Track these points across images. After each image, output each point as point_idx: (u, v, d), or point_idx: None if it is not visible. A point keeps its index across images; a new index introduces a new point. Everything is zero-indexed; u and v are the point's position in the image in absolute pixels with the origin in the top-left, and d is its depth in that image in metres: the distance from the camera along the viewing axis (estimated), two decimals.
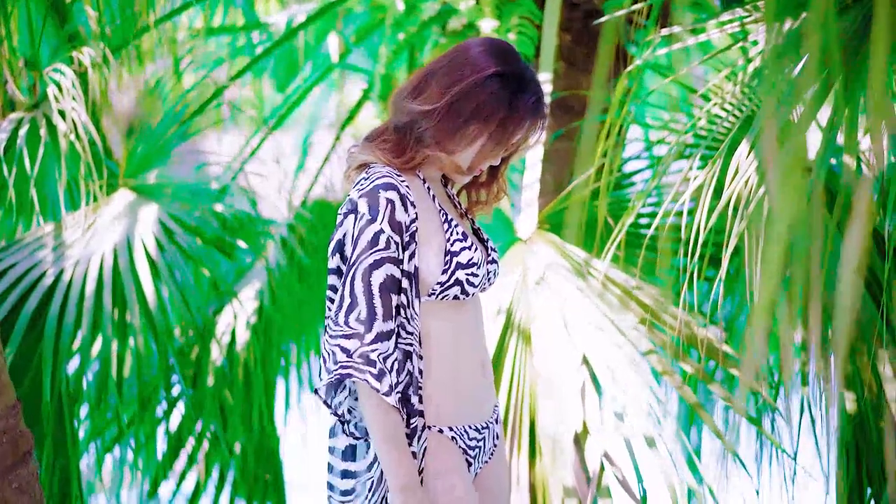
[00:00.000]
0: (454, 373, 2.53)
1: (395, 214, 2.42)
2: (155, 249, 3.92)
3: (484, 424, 2.60)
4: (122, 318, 3.84)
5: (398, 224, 2.42)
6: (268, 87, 5.99)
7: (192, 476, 4.47)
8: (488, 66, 2.47)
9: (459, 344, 2.54)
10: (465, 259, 2.48)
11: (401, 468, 2.39)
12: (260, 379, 4.21)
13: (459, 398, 2.54)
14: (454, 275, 2.47)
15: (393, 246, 2.42)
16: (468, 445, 2.57)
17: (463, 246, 2.50)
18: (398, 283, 2.42)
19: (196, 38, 5.04)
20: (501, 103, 2.47)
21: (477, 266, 2.50)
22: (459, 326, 2.54)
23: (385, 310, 2.39)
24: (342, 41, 5.15)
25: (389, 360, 2.39)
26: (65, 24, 4.33)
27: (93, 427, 4.00)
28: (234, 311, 4.25)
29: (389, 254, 2.41)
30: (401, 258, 2.43)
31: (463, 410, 2.55)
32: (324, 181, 4.76)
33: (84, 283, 3.79)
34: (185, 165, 4.58)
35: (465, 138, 2.48)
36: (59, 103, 3.92)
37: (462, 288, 2.49)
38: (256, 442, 4.37)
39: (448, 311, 2.52)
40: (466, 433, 2.56)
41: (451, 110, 2.47)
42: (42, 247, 3.89)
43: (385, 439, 2.40)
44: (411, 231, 2.45)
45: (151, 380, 4.00)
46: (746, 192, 2.78)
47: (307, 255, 4.45)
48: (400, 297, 2.43)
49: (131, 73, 4.39)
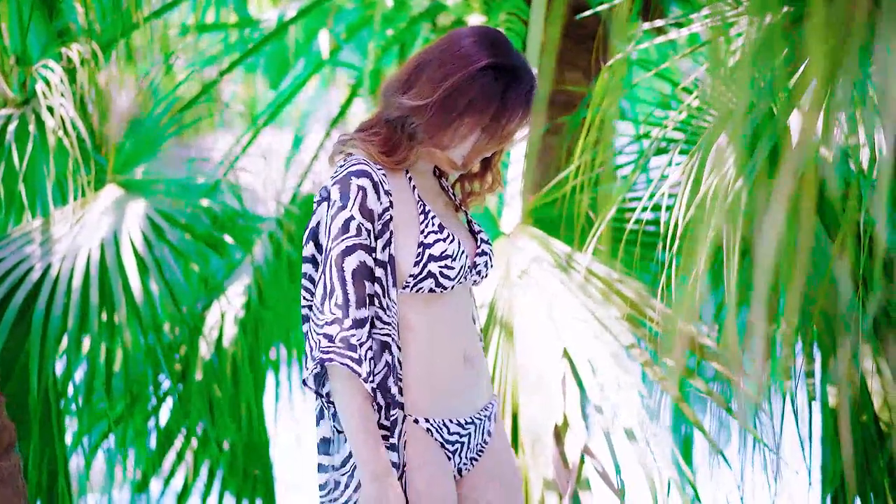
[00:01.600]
0: (431, 366, 2.53)
1: (366, 202, 2.41)
2: (142, 244, 3.94)
3: (468, 420, 2.58)
4: (111, 313, 3.86)
5: (369, 211, 2.41)
6: (262, 86, 6.02)
7: (181, 472, 4.48)
8: (480, 59, 2.42)
9: (438, 337, 2.52)
10: (438, 251, 2.46)
11: (373, 457, 2.39)
12: (248, 374, 4.22)
13: (436, 391, 2.53)
14: (426, 267, 2.46)
15: (364, 233, 2.40)
16: (446, 439, 2.56)
17: (437, 238, 2.47)
18: (371, 272, 2.41)
19: (187, 35, 5.06)
20: (495, 97, 2.42)
21: (452, 258, 2.47)
22: (439, 319, 2.52)
23: (358, 297, 2.38)
24: (332, 38, 5.16)
25: (363, 348, 2.38)
26: (54, 20, 4.34)
27: (80, 424, 4.02)
28: (222, 307, 4.26)
29: (361, 241, 2.40)
30: (373, 246, 2.42)
31: (441, 404, 2.54)
32: (313, 177, 4.77)
33: (71, 277, 3.81)
34: (176, 162, 4.60)
35: (459, 133, 2.45)
36: (48, 99, 3.94)
37: (436, 280, 2.47)
38: (245, 438, 4.38)
39: (426, 304, 2.50)
40: (446, 427, 2.55)
41: (444, 105, 2.43)
42: (30, 241, 3.91)
43: (358, 427, 2.39)
44: (384, 219, 2.43)
45: (138, 376, 4.02)
46: (724, 186, 2.79)
47: (296, 251, 4.46)
48: (374, 286, 2.42)
49: (121, 70, 4.41)
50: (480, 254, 2.59)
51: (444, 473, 2.55)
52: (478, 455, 2.63)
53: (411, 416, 2.53)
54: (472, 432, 2.60)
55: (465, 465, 2.62)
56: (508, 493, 2.65)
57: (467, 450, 2.60)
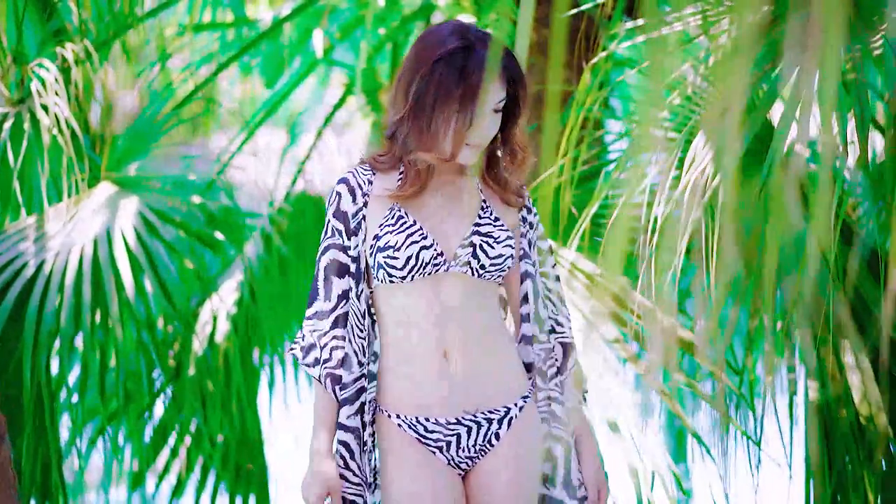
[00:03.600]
0: (399, 359, 2.62)
1: (340, 205, 2.63)
2: (134, 241, 3.99)
3: (453, 420, 2.61)
4: (104, 309, 3.91)
5: (342, 213, 2.63)
6: (257, 85, 6.07)
7: (176, 468, 4.53)
8: (430, 56, 2.54)
9: (407, 331, 2.61)
10: (384, 242, 2.58)
11: (315, 434, 2.62)
12: (239, 370, 4.27)
13: (405, 386, 2.61)
14: (376, 258, 2.60)
15: (336, 234, 2.63)
16: (422, 435, 2.61)
17: (388, 230, 2.58)
18: (345, 268, 2.63)
19: (183, 35, 5.10)
20: (452, 81, 2.52)
21: (394, 248, 2.56)
22: (411, 311, 2.60)
23: (326, 291, 2.63)
24: (326, 38, 5.21)
25: (325, 338, 2.62)
26: (50, 19, 4.40)
27: (75, 420, 4.07)
28: (214, 304, 4.32)
29: (334, 241, 2.64)
30: (346, 244, 2.63)
31: (410, 400, 2.61)
32: (306, 176, 4.83)
33: (64, 273, 3.87)
34: (170, 160, 4.65)
35: (440, 130, 2.54)
36: (43, 98, 4.00)
37: (386, 271, 2.58)
38: (238, 433, 4.43)
39: (396, 296, 2.61)
40: (422, 425, 2.61)
41: (416, 112, 2.55)
42: (24, 238, 3.97)
43: (314, 410, 2.64)
44: (357, 219, 2.63)
45: (132, 373, 4.07)
46: (703, 181, 2.84)
47: (288, 248, 4.51)
48: (347, 280, 2.63)
49: (116, 69, 4.46)
50: (465, 245, 2.61)
51: (416, 464, 2.60)
52: (479, 455, 2.65)
53: (383, 410, 2.64)
54: (461, 433, 2.62)
55: (462, 463, 2.64)
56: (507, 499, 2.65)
57: (459, 448, 2.63)
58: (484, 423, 2.63)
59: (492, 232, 2.63)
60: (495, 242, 2.63)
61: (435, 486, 2.60)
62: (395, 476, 2.61)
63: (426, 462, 2.61)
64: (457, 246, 2.62)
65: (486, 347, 2.64)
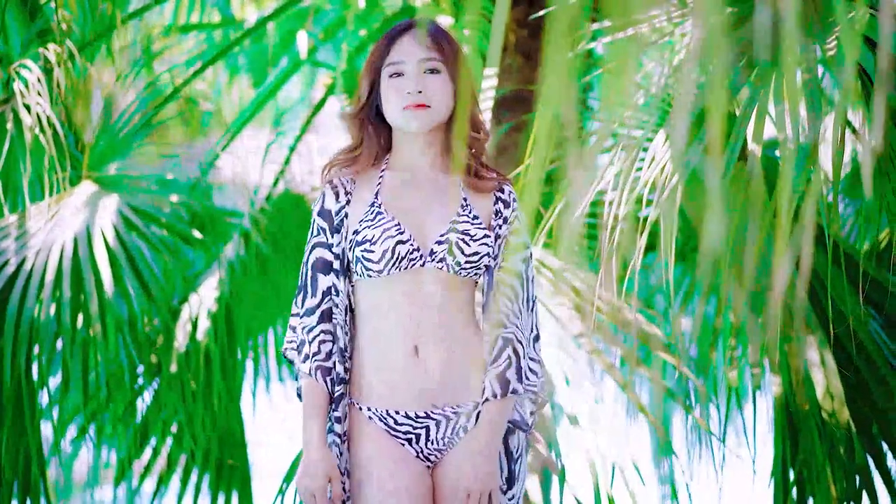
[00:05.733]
0: (372, 354, 2.69)
1: (324, 203, 2.73)
2: (114, 239, 4.06)
3: (422, 414, 2.67)
4: (86, 307, 3.97)
5: (326, 211, 2.73)
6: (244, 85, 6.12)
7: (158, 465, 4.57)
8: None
9: (381, 325, 2.68)
10: (361, 237, 2.66)
11: (304, 430, 2.68)
12: (218, 367, 4.32)
13: (376, 379, 2.68)
14: (354, 251, 2.67)
15: (321, 232, 2.73)
16: (392, 427, 2.68)
17: (366, 225, 2.67)
18: (329, 264, 2.71)
19: (168, 36, 5.16)
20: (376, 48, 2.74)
21: (371, 242, 2.64)
22: (384, 307, 2.67)
23: (313, 287, 2.70)
24: (310, 38, 5.27)
25: (313, 332, 2.68)
26: (35, 20, 4.46)
27: (60, 417, 4.12)
28: (194, 301, 4.37)
29: (319, 239, 2.73)
30: (330, 242, 2.71)
31: (380, 393, 2.68)
32: (288, 175, 4.88)
33: (45, 271, 3.93)
34: (153, 159, 4.70)
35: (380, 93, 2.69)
36: (25, 98, 4.06)
37: (362, 264, 2.66)
38: (220, 429, 4.48)
39: (371, 291, 2.69)
40: (392, 417, 2.67)
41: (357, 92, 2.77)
42: (6, 236, 4.04)
43: (303, 403, 2.69)
44: (340, 216, 2.71)
45: (114, 370, 4.11)
46: (662, 180, 2.89)
47: (269, 246, 4.56)
48: (331, 277, 2.70)
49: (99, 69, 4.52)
50: (441, 241, 2.67)
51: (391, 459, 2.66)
52: (448, 447, 2.70)
53: (354, 402, 2.70)
54: (429, 426, 2.68)
55: (431, 454, 2.70)
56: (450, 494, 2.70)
57: (428, 441, 2.69)
58: (452, 417, 2.68)
59: (469, 230, 2.68)
60: (472, 240, 2.68)
61: (409, 480, 2.66)
62: (371, 469, 2.66)
63: (400, 456, 2.67)
64: (433, 242, 2.68)
65: (457, 343, 2.69)
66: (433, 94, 2.67)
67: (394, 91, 2.67)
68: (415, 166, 2.74)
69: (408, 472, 2.67)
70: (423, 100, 2.66)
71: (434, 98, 2.67)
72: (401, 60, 2.67)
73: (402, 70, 2.67)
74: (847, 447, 3.33)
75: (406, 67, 2.67)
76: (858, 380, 3.46)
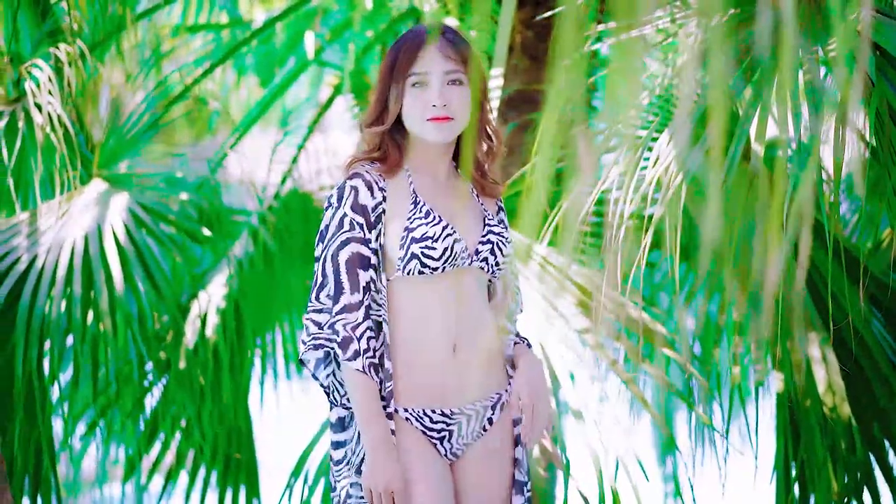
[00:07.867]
0: (414, 353, 2.70)
1: (358, 199, 2.68)
2: (124, 236, 4.10)
3: (456, 410, 2.71)
4: (96, 303, 4.01)
5: (361, 207, 2.67)
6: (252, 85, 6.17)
7: (167, 460, 4.62)
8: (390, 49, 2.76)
9: (424, 323, 2.69)
10: (420, 233, 2.65)
11: (370, 427, 2.62)
12: (227, 362, 4.36)
13: (418, 379, 2.70)
14: (409, 249, 2.65)
15: (357, 227, 2.67)
16: (428, 427, 2.70)
17: (421, 222, 2.67)
18: (367, 260, 2.66)
19: (177, 37, 5.21)
20: (384, 61, 2.74)
21: (433, 239, 2.65)
22: (427, 305, 2.69)
23: (352, 283, 2.64)
24: (317, 39, 5.32)
25: (359, 329, 2.62)
26: (46, 20, 4.51)
27: (71, 412, 4.16)
28: (203, 298, 4.41)
29: (354, 234, 2.66)
30: (367, 237, 2.67)
31: (421, 393, 2.70)
32: (296, 174, 4.92)
33: (56, 268, 3.98)
34: (163, 158, 4.75)
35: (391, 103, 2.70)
36: (36, 97, 4.11)
37: (420, 261, 2.65)
38: (228, 424, 4.52)
39: (415, 289, 2.69)
40: (428, 416, 2.70)
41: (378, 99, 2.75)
42: (17, 234, 4.08)
43: (357, 402, 2.62)
44: (377, 212, 2.68)
45: (124, 366, 4.16)
46: (666, 179, 2.93)
47: (277, 244, 4.61)
48: (370, 273, 2.66)
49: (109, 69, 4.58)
50: (484, 242, 2.73)
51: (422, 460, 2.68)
52: (474, 440, 2.75)
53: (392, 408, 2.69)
54: (461, 422, 2.72)
55: (458, 450, 2.74)
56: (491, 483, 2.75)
57: (458, 437, 2.72)
58: (480, 411, 2.74)
59: (502, 232, 2.78)
60: (506, 242, 2.78)
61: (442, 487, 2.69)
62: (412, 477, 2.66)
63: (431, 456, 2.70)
64: (476, 242, 2.73)
65: (485, 339, 2.76)
66: (456, 108, 2.70)
67: (418, 102, 2.69)
68: (435, 171, 2.78)
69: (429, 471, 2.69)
70: (448, 112, 2.68)
71: (457, 111, 2.70)
72: (425, 71, 2.69)
73: (425, 80, 2.69)
74: (848, 443, 3.37)
75: (430, 78, 2.68)
76: (860, 376, 3.50)
